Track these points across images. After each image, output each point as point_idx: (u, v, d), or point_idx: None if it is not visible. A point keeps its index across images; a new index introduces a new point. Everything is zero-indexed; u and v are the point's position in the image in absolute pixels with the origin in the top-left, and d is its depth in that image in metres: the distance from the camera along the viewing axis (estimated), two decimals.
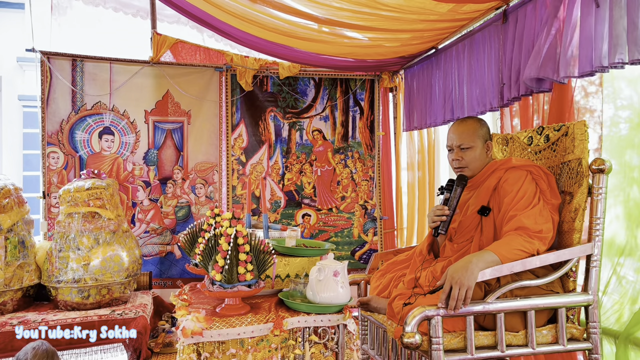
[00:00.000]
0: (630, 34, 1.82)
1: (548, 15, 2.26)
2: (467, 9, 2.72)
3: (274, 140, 4.12)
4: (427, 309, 1.62)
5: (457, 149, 2.04)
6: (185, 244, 2.77)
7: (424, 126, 3.73)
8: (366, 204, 4.23)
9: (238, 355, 2.08)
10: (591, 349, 1.80)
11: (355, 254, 4.22)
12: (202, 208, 3.96)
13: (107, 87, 3.79)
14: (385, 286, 2.19)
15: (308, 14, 2.97)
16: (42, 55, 3.61)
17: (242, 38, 3.51)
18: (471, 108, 2.98)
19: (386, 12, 2.75)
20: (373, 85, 4.24)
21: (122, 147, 3.84)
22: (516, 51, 2.50)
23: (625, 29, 1.84)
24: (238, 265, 2.15)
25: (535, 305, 1.73)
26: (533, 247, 1.74)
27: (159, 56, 3.83)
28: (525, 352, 1.74)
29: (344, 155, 4.22)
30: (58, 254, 2.90)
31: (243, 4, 2.98)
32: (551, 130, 2.05)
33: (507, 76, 2.58)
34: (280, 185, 4.12)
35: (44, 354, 2.04)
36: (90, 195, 2.97)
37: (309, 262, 2.54)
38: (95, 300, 2.89)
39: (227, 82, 4.01)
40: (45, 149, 3.66)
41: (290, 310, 2.27)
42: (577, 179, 1.88)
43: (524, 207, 1.81)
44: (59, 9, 3.92)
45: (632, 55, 1.82)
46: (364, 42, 3.38)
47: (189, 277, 3.85)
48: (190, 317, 2.06)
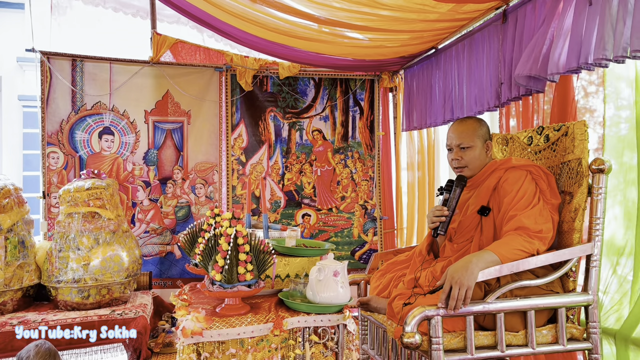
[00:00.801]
0: (617, 30, 1.83)
1: (547, 15, 2.27)
2: (467, 9, 2.72)
3: (274, 140, 4.13)
4: (427, 309, 1.62)
5: (457, 148, 2.05)
6: (185, 244, 2.77)
7: (423, 126, 3.73)
8: (366, 204, 4.23)
9: (238, 355, 2.09)
10: (591, 349, 1.80)
11: (355, 254, 4.22)
12: (202, 208, 3.96)
13: (107, 87, 3.79)
14: (385, 286, 2.19)
15: (308, 14, 2.97)
16: (42, 55, 3.61)
17: (242, 38, 3.51)
18: (469, 108, 2.99)
19: (386, 12, 2.76)
20: (373, 85, 4.24)
21: (122, 147, 3.84)
22: (516, 51, 2.50)
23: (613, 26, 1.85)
24: (238, 265, 2.15)
25: (535, 305, 1.73)
26: (533, 247, 1.74)
27: (158, 56, 3.83)
28: (525, 352, 1.74)
29: (343, 155, 4.22)
30: (58, 254, 2.90)
31: (243, 4, 2.98)
32: (551, 130, 2.05)
33: (507, 76, 2.58)
34: (280, 185, 4.12)
35: (46, 352, 2.04)
36: (90, 195, 2.97)
37: (309, 262, 2.54)
38: (95, 300, 2.89)
39: (227, 82, 4.01)
40: (45, 149, 3.66)
41: (290, 310, 2.27)
42: (577, 179, 1.88)
43: (524, 207, 1.81)
44: (59, 9, 3.92)
45: (616, 51, 1.83)
46: (364, 42, 3.38)
47: (189, 277, 3.85)
48: (190, 317, 2.06)
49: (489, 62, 2.80)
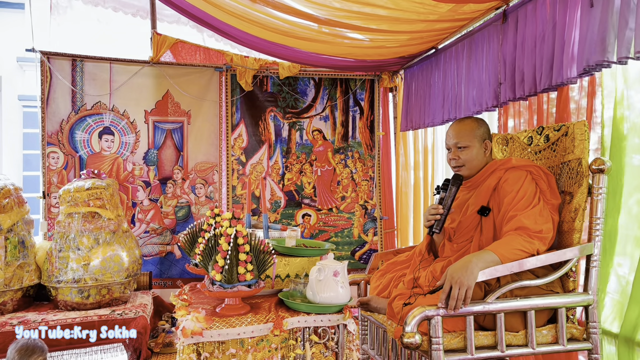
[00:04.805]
0: (621, 32, 1.83)
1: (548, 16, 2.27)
2: (467, 9, 2.72)
3: (274, 140, 4.13)
4: (427, 309, 1.62)
5: (454, 147, 2.05)
6: (185, 244, 2.77)
7: (422, 126, 3.73)
8: (366, 204, 4.23)
9: (238, 355, 2.09)
10: (591, 349, 1.80)
11: (355, 254, 4.22)
12: (202, 208, 3.96)
13: (107, 87, 3.79)
14: (385, 286, 2.19)
15: (308, 14, 2.97)
16: (42, 55, 3.61)
17: (242, 38, 3.51)
18: (467, 108, 2.99)
19: (386, 12, 2.75)
20: (373, 85, 4.24)
21: (122, 147, 3.84)
22: (518, 51, 2.50)
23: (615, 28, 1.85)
24: (238, 265, 2.15)
25: (535, 305, 1.73)
26: (533, 247, 1.74)
27: (158, 56, 3.83)
28: (525, 352, 1.74)
29: (344, 155, 4.22)
30: (58, 254, 2.90)
31: (243, 4, 2.98)
32: (551, 130, 2.05)
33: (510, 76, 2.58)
34: (280, 185, 4.12)
35: (22, 348, 2.05)
36: (90, 195, 2.97)
37: (309, 262, 2.54)
38: (95, 300, 2.89)
39: (227, 82, 4.01)
40: (45, 149, 3.66)
41: (290, 310, 2.27)
42: (577, 179, 1.88)
43: (524, 207, 1.81)
44: (59, 9, 3.92)
45: (620, 53, 1.83)
46: (364, 43, 3.38)
47: (189, 277, 3.85)
48: (190, 317, 2.07)
49: (488, 62, 2.80)
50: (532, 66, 2.38)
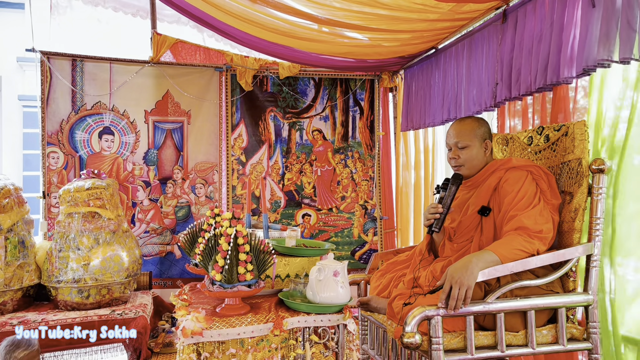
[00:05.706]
0: (623, 32, 1.82)
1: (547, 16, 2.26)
2: (467, 9, 2.72)
3: (274, 140, 4.12)
4: (427, 309, 1.62)
5: (454, 147, 2.06)
6: (185, 244, 2.77)
7: (422, 126, 3.73)
8: (366, 204, 4.23)
9: (238, 355, 2.09)
10: (591, 349, 1.80)
11: (355, 254, 4.22)
12: (202, 208, 3.96)
13: (107, 87, 3.79)
14: (385, 286, 2.19)
15: (308, 14, 2.97)
16: (42, 55, 3.61)
17: (242, 38, 3.51)
18: (467, 108, 2.99)
19: (386, 11, 2.75)
20: (373, 85, 4.24)
21: (122, 147, 3.84)
22: (516, 51, 2.50)
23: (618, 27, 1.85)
24: (238, 265, 2.15)
25: (535, 305, 1.73)
26: (533, 247, 1.74)
27: (159, 56, 3.83)
28: (525, 352, 1.74)
29: (344, 155, 4.22)
30: (58, 254, 2.90)
31: (243, 4, 2.98)
32: (551, 130, 2.05)
33: (507, 75, 2.58)
34: (280, 185, 4.12)
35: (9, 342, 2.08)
36: (90, 195, 2.97)
37: (309, 262, 2.54)
38: (95, 300, 2.89)
39: (227, 82, 4.01)
40: (45, 149, 3.66)
41: (290, 310, 2.27)
42: (577, 179, 1.88)
43: (525, 207, 1.82)
44: (59, 9, 3.92)
45: (622, 53, 1.82)
46: (364, 42, 3.38)
47: (189, 277, 3.85)
48: (190, 317, 2.06)
49: (488, 62, 2.80)
50: (529, 66, 2.38)
